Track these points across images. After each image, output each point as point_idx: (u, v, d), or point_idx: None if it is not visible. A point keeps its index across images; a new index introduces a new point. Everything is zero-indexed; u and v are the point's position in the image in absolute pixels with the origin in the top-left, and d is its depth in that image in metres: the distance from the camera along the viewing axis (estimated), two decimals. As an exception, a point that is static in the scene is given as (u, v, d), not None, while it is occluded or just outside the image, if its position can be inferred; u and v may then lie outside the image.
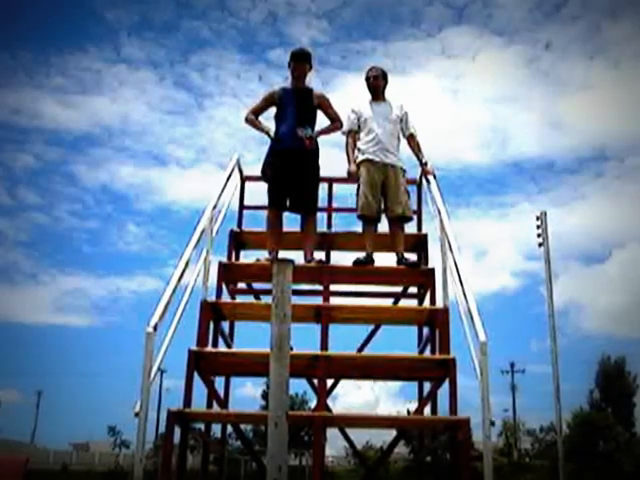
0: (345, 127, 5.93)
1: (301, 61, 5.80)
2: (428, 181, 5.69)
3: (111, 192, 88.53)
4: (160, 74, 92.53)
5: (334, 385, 5.55)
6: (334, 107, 5.92)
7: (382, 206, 5.75)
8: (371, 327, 5.86)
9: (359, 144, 5.87)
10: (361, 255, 5.58)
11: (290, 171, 5.60)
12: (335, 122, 5.90)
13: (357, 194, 5.79)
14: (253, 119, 5.82)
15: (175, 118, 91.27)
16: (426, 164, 5.88)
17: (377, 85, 6.03)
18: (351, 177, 5.84)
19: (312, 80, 5.96)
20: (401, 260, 5.58)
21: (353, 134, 5.93)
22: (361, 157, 5.81)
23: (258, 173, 5.89)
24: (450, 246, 4.73)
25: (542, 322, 21.67)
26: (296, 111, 5.71)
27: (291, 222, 5.88)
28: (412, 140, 5.98)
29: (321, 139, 5.86)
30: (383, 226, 5.85)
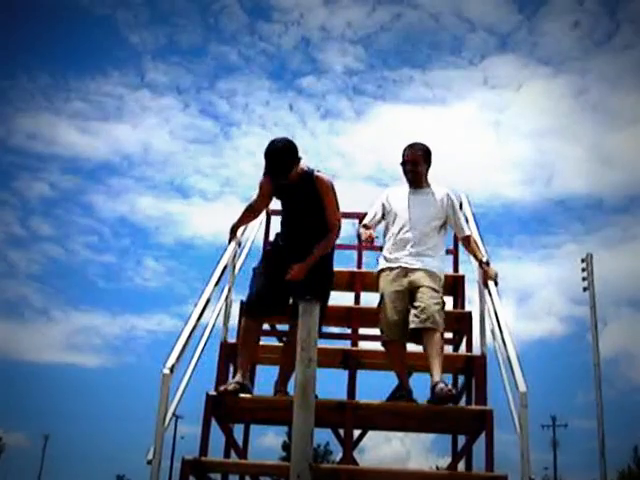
0: (365, 219, 5.01)
1: (277, 164, 4.46)
2: (487, 287, 4.77)
3: (129, 224, 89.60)
4: (185, 101, 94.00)
5: (361, 436, 5.46)
6: (334, 202, 4.64)
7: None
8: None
9: (385, 247, 4.91)
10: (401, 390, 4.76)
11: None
12: (328, 231, 4.67)
13: (379, 306, 4.82)
14: (236, 224, 4.96)
15: (199, 147, 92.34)
16: (488, 264, 4.87)
17: (416, 173, 4.95)
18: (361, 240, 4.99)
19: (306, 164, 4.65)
20: (434, 389, 4.36)
21: (369, 227, 4.92)
22: (382, 264, 4.87)
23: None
24: (489, 288, 4.68)
25: (588, 372, 21.24)
26: (291, 215, 4.77)
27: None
28: (468, 242, 5.03)
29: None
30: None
